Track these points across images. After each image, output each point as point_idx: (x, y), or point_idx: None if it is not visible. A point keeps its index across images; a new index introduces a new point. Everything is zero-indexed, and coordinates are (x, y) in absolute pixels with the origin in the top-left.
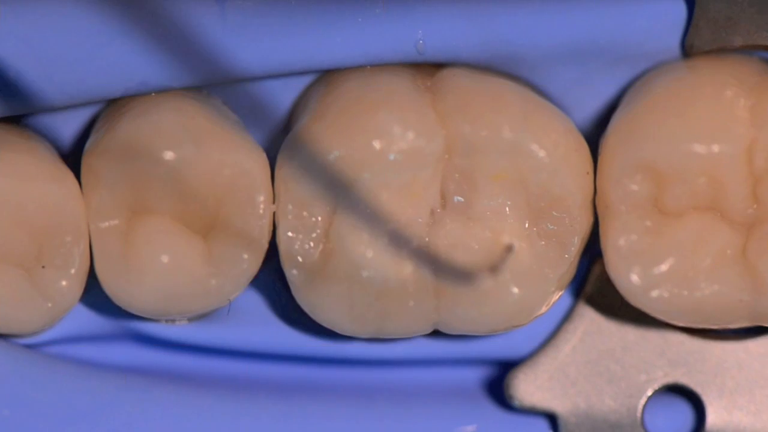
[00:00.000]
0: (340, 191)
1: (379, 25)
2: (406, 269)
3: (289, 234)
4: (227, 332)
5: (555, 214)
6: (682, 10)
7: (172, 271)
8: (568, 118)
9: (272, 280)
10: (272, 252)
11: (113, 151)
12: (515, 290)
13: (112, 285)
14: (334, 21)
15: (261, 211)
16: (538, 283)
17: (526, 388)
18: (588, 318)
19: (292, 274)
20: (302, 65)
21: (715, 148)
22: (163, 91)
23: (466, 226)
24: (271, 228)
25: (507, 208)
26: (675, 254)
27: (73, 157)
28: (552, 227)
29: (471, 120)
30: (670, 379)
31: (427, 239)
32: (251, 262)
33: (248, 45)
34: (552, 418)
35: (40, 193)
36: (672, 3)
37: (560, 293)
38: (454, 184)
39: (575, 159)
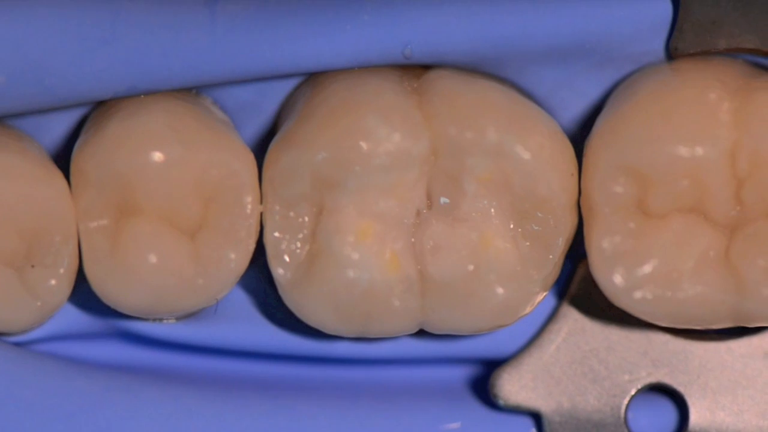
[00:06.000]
0: (326, 192)
1: (366, 29)
2: (391, 270)
3: (276, 234)
4: (214, 331)
5: (539, 215)
6: (666, 13)
7: (160, 270)
8: (553, 119)
9: (259, 280)
10: (259, 252)
11: (102, 151)
12: (500, 291)
13: (100, 284)
14: (321, 24)
15: (248, 212)
16: (522, 283)
17: (511, 387)
18: (572, 318)
19: (278, 273)
20: (290, 67)
21: (699, 150)
22: (152, 92)
23: (452, 226)
24: (258, 228)
25: (492, 210)
26: (658, 256)
27: (62, 158)
28: (536, 228)
29: (457, 122)
30: (653, 379)
31: (413, 240)
32: (238, 261)
33: (237, 48)
34: (536, 417)
35: (29, 193)
36: (656, 6)
37: (545, 294)
38: (440, 185)
39: (560, 161)
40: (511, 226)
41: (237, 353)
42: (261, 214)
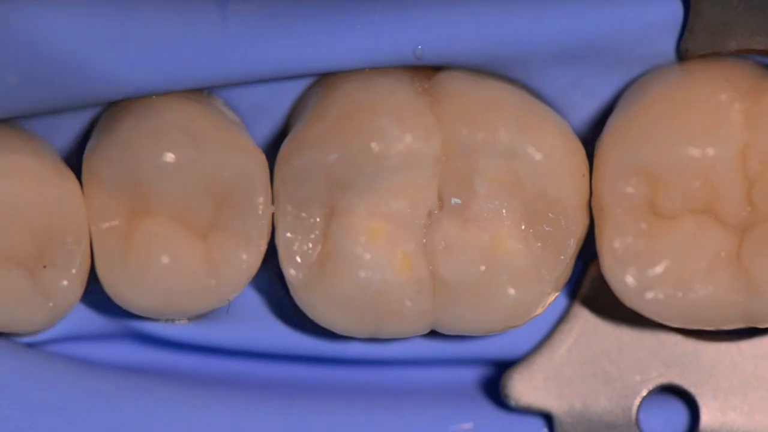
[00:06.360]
0: (338, 193)
1: (377, 29)
2: (403, 270)
3: (288, 235)
4: (226, 332)
5: (551, 216)
6: (677, 14)
7: (172, 271)
8: (565, 120)
9: (271, 281)
10: (271, 253)
11: (114, 152)
12: (511, 291)
13: (112, 285)
14: (332, 25)
15: (260, 212)
16: (534, 284)
17: (522, 388)
18: (583, 319)
19: (290, 274)
20: (301, 68)
21: (710, 151)
22: (163, 93)
23: (463, 227)
24: (270, 229)
25: (504, 210)
26: (669, 256)
27: (74, 159)
28: (548, 229)
29: (468, 123)
30: (664, 380)
31: (424, 240)
32: (250, 262)
33: (248, 48)
34: (548, 418)
35: (41, 193)
36: (667, 7)
37: (556, 294)
38: (452, 186)
39: (571, 161)
40: (523, 226)
41: (248, 354)
42: (273, 214)
